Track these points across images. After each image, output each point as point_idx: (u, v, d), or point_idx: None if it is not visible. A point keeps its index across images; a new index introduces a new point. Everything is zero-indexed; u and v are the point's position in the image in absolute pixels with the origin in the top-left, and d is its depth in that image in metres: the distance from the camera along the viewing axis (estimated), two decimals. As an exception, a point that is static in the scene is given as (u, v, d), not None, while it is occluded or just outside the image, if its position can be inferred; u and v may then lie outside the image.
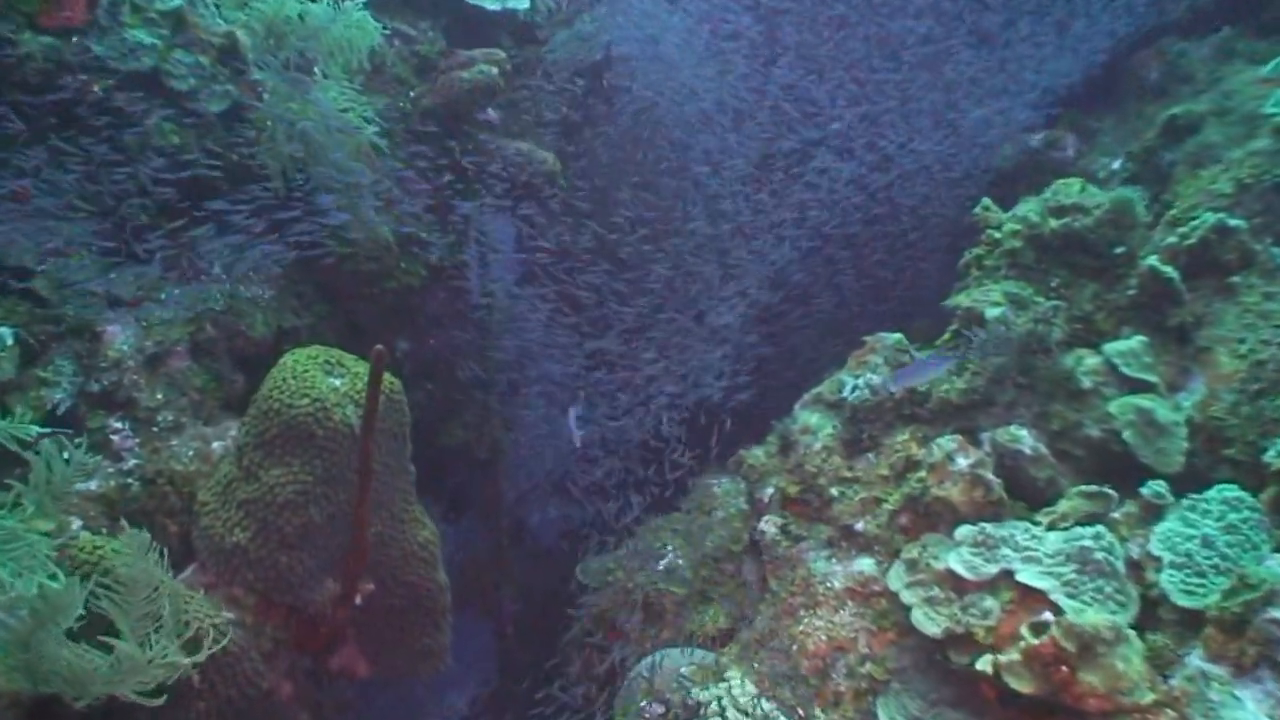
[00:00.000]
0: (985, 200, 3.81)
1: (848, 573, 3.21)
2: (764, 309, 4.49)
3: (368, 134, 3.67)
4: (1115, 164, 4.73)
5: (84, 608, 2.20)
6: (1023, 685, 2.63)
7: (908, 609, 2.96)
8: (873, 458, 3.41)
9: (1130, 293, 3.42)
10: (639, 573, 3.81)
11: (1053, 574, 2.83)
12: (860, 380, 3.48)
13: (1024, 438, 3.18)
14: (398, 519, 3.13)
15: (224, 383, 3.45)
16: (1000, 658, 2.69)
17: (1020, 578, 2.85)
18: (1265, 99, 4.08)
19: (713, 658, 3.26)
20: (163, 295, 3.28)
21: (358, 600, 3.02)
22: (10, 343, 2.85)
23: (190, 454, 3.05)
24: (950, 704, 2.86)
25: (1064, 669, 2.57)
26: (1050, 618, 2.74)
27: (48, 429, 2.50)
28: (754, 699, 2.98)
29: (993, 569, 2.90)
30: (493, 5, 4.24)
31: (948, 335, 3.64)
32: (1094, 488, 3.02)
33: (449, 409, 4.71)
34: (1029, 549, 2.90)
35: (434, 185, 3.97)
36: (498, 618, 5.16)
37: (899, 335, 3.63)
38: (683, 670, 3.18)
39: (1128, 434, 3.09)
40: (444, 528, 5.24)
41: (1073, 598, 2.77)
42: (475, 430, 4.75)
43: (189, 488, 2.96)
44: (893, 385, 3.40)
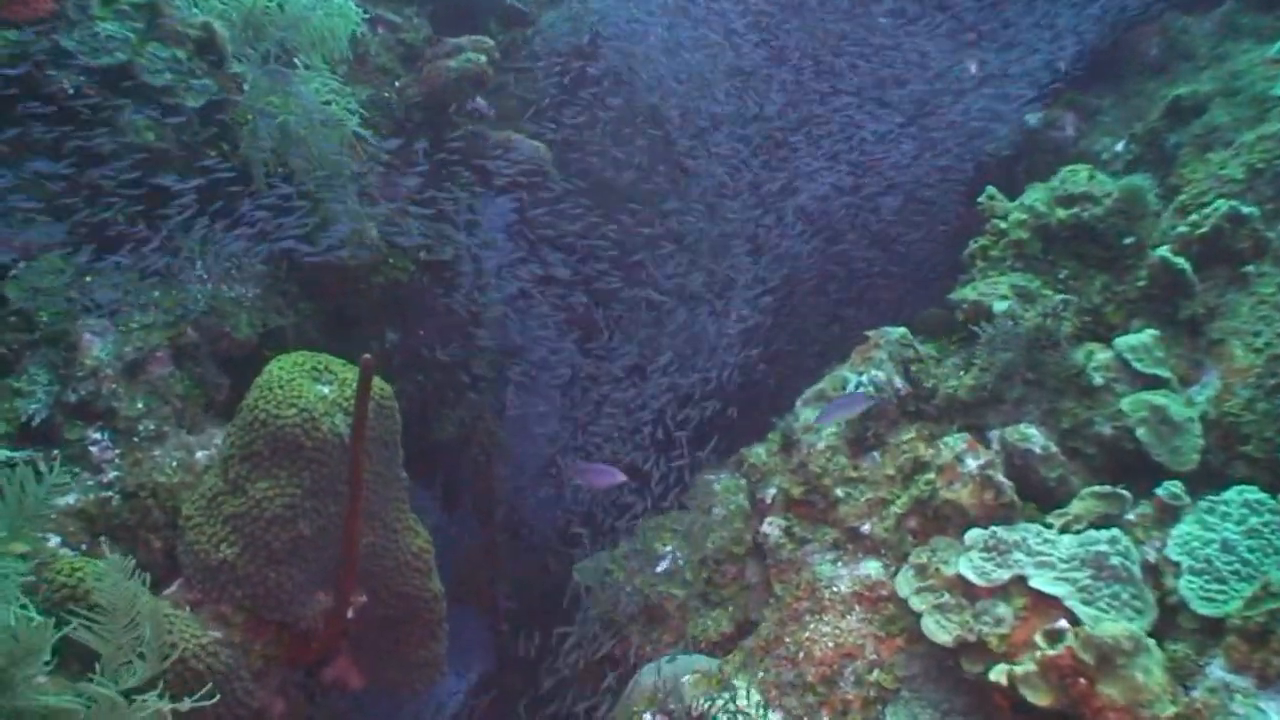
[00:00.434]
0: (990, 189, 3.71)
1: (854, 576, 3.13)
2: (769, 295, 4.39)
3: (352, 125, 3.55)
4: (1119, 146, 4.64)
5: (63, 637, 2.10)
6: (1039, 698, 2.55)
7: (918, 616, 2.87)
8: (878, 457, 3.32)
9: (1140, 284, 3.33)
10: (638, 574, 3.72)
11: (1067, 579, 2.75)
12: (864, 377, 3.39)
13: (1034, 436, 3.09)
14: (390, 528, 3.03)
15: (208, 387, 3.33)
16: (1015, 669, 2.60)
17: (1033, 583, 2.77)
18: (1275, 80, 3.99)
19: (716, 665, 3.18)
20: (142, 298, 3.15)
21: (350, 613, 2.93)
22: (-20, 353, 2.73)
23: (174, 465, 2.94)
24: (963, 714, 2.79)
25: (1082, 681, 2.49)
26: (1065, 625, 2.66)
27: (21, 449, 2.38)
28: (760, 708, 2.90)
29: (1005, 574, 2.81)
30: (479, -9, 4.11)
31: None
32: (1107, 488, 2.94)
33: (441, 401, 4.61)
34: (1042, 553, 2.82)
35: (422, 177, 3.84)
36: (493, 614, 5.09)
37: (903, 329, 3.53)
38: (685, 678, 3.10)
39: (1141, 432, 3.00)
40: (437, 519, 5.18)
41: (1088, 604, 2.69)
42: (468, 425, 4.65)
43: (172, 501, 2.85)
44: (817, 422, 3.39)
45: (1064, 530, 2.90)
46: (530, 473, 4.86)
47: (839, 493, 3.27)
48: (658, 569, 3.67)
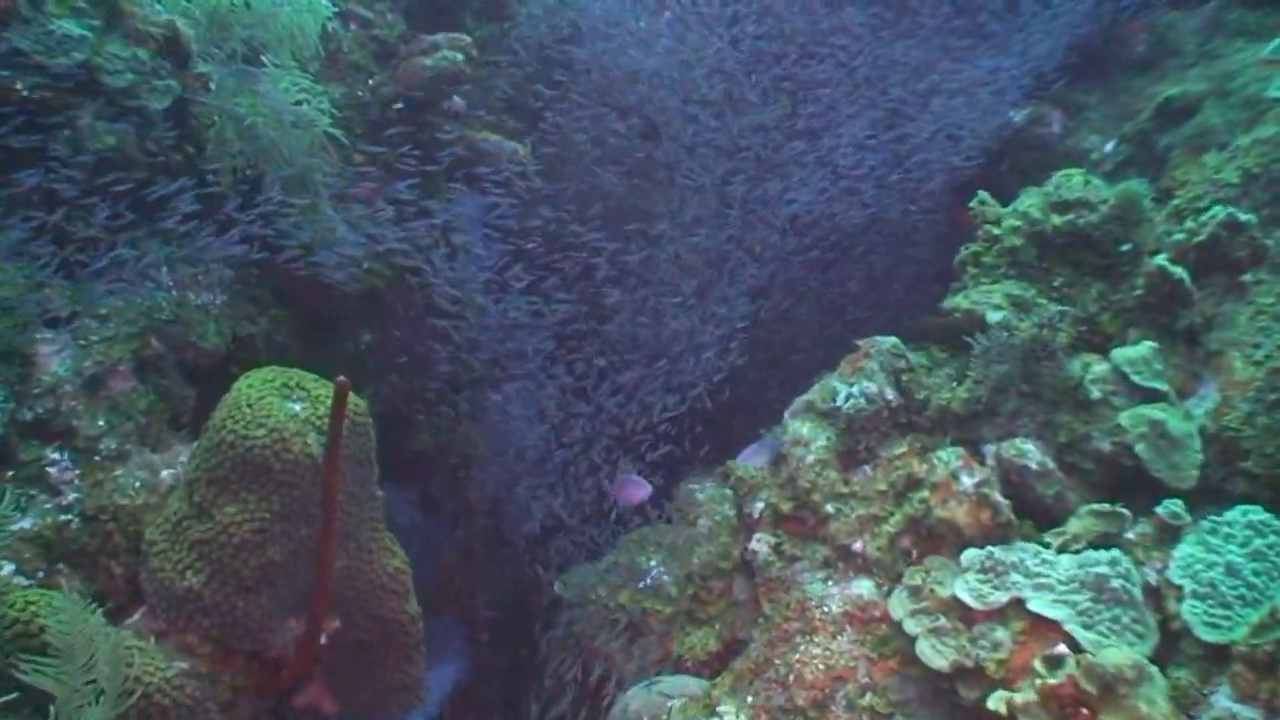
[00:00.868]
0: (981, 193, 3.61)
1: (845, 596, 3.04)
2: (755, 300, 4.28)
3: (324, 125, 3.41)
4: (1109, 146, 4.56)
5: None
6: (1039, 727, 2.47)
7: (912, 640, 2.78)
8: (869, 470, 3.23)
9: (1137, 293, 3.25)
10: (622, 589, 3.62)
11: (1066, 602, 2.67)
12: (855, 388, 3.29)
13: (1030, 451, 3.00)
14: (365, 549, 2.91)
15: (173, 400, 3.20)
16: (1015, 697, 2.52)
17: (1032, 606, 2.69)
18: (1269, 82, 3.91)
19: (705, 688, 3.09)
20: (103, 309, 3.01)
21: (323, 639, 2.81)
22: (-70, 371, 2.59)
23: (137, 485, 2.80)
24: (959, 740, 2.71)
25: (1084, 712, 2.41)
26: (1065, 650, 2.58)
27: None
28: (749, 734, 2.81)
29: (1002, 597, 2.73)
30: (457, -15, 3.97)
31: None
32: (1106, 506, 2.86)
33: (418, 406, 4.49)
34: (1040, 575, 2.73)
35: (398, 180, 3.71)
36: (471, 623, 4.98)
37: (894, 339, 3.43)
38: (673, 702, 3.00)
39: (1140, 447, 2.92)
40: (412, 519, 5.05)
41: (1088, 628, 2.61)
42: (445, 434, 4.54)
43: (135, 525, 2.72)
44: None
45: (1062, 550, 2.81)
46: (511, 478, 4.74)
47: (829, 509, 3.17)
48: (642, 584, 3.57)
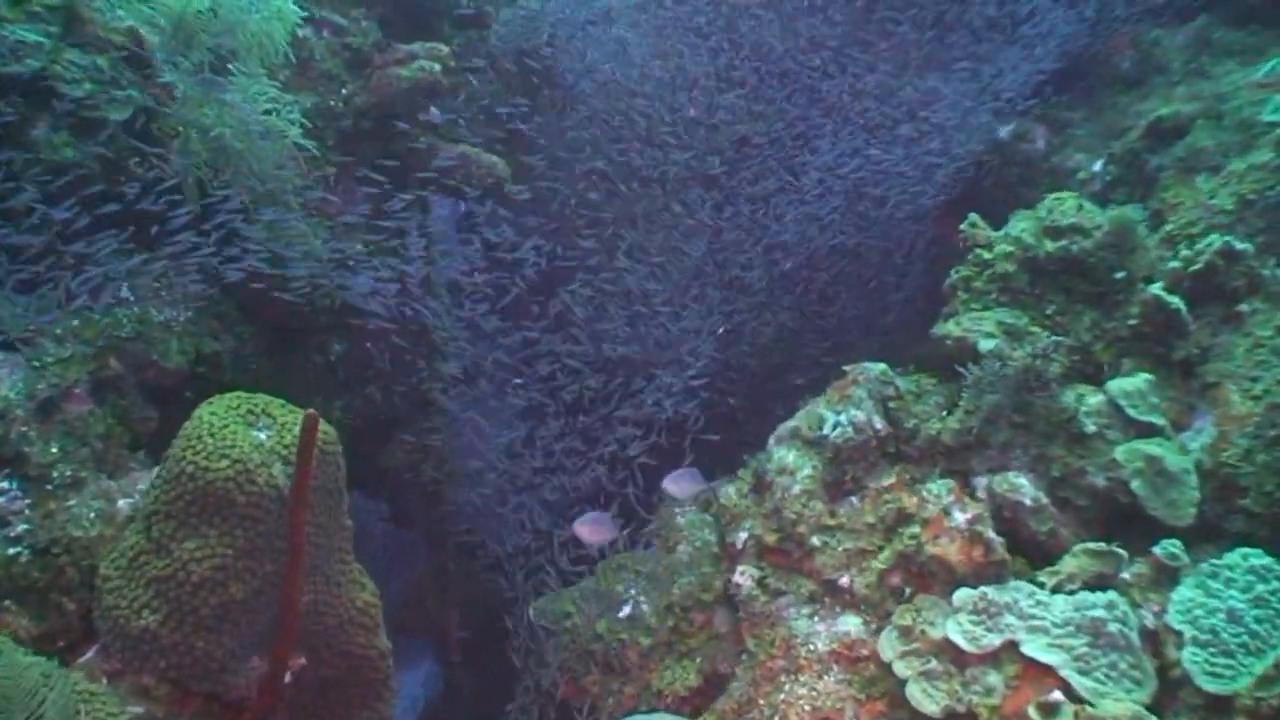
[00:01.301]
0: (972, 216, 3.53)
1: (832, 633, 2.93)
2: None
3: (294, 136, 3.28)
4: (1096, 165, 4.50)
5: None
6: (1035, 779, 2.38)
7: (902, 682, 2.69)
8: (857, 502, 3.13)
9: (1131, 322, 3.17)
10: (599, 618, 3.51)
11: (1062, 646, 2.58)
12: (843, 416, 3.19)
13: (1024, 486, 2.92)
14: (333, 582, 2.77)
15: (133, 422, 3.06)
16: (1010, 747, 2.43)
17: (1026, 650, 2.60)
18: (1263, 105, 3.85)
19: (685, 728, 2.98)
20: (58, 328, 2.87)
21: (287, 678, 2.68)
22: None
23: (92, 516, 2.66)
24: (949, 788, 2.61)
25: (1082, 763, 2.33)
26: (1060, 697, 2.49)
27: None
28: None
29: (995, 639, 2.64)
30: (432, -8, 3.84)
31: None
32: (1102, 545, 2.78)
33: (391, 419, 4.37)
34: (1035, 617, 2.64)
35: (371, 193, 3.58)
36: (443, 643, 4.87)
37: (883, 365, 3.34)
38: (653, 744, 2.90)
39: (1136, 484, 2.84)
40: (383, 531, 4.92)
41: (1084, 674, 2.52)
42: (418, 451, 4.42)
43: (89, 559, 2.58)
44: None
45: (1056, 590, 2.73)
46: (485, 495, 4.62)
47: (815, 541, 3.07)
48: (620, 614, 3.46)
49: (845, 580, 2.99)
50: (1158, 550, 2.71)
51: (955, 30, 4.59)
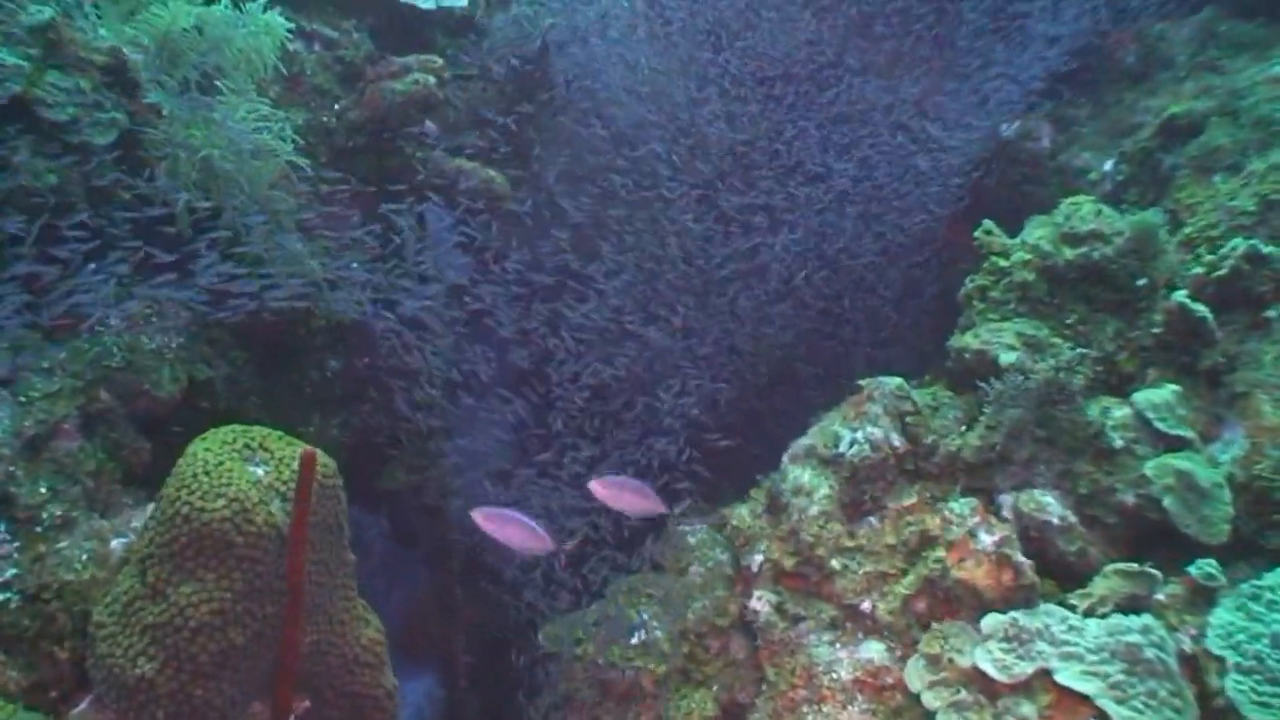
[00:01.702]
0: (986, 223, 3.42)
1: (854, 660, 2.83)
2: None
3: (286, 153, 3.17)
4: (1107, 165, 4.41)
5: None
6: (1075, 817, 2.28)
7: (931, 714, 2.58)
8: (876, 522, 3.02)
9: (1156, 331, 3.07)
10: (611, 644, 3.40)
11: (1097, 674, 2.47)
12: (859, 434, 3.08)
13: (1051, 505, 2.82)
14: (336, 621, 2.67)
15: (125, 454, 2.95)
16: (1047, 783, 2.33)
17: (1060, 678, 2.49)
18: (1281, 102, 3.76)
19: (703, 761, 2.88)
20: (45, 361, 2.76)
21: (291, 722, 2.58)
22: None
23: (84, 558, 2.55)
24: (983, 824, 2.51)
25: (1125, 801, 2.23)
26: (1097, 728, 2.40)
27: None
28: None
29: (1028, 668, 2.54)
30: (426, 3, 3.71)
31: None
32: (1134, 566, 2.67)
33: (391, 438, 4.26)
34: (1068, 643, 2.54)
35: (365, 210, 3.47)
36: (449, 670, 4.76)
37: (899, 380, 3.23)
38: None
39: (1168, 500, 2.74)
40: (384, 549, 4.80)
41: (1122, 704, 2.42)
42: (419, 471, 4.30)
43: (82, 604, 2.47)
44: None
45: (1088, 614, 2.63)
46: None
47: (835, 564, 2.97)
48: (632, 640, 3.35)
49: (867, 605, 2.88)
50: (1193, 570, 2.61)
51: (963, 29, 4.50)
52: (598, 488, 3.10)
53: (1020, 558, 2.70)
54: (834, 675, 2.82)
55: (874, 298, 4.15)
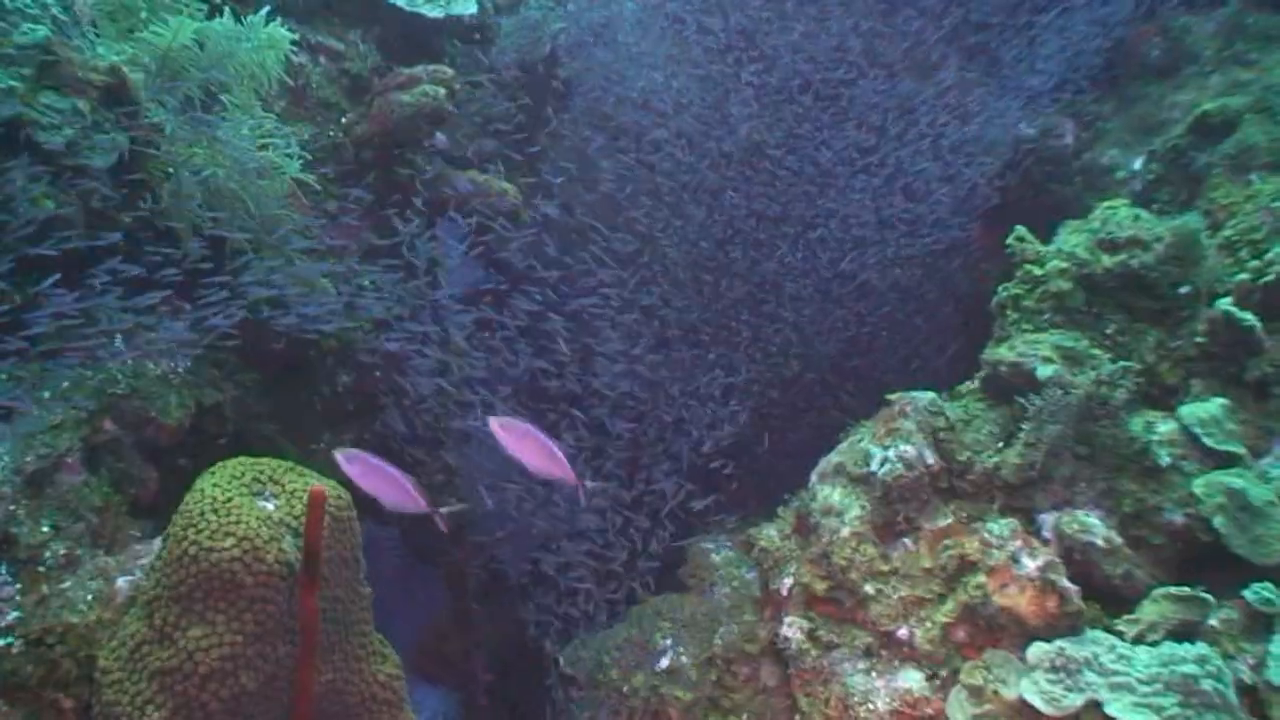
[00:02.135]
0: (1019, 229, 3.30)
1: (892, 690, 2.71)
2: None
3: (293, 171, 3.07)
4: (1136, 163, 4.28)
5: None
6: None
7: (976, 750, 2.47)
8: (910, 544, 2.90)
9: (1199, 340, 2.94)
10: (636, 670, 3.30)
11: (1150, 706, 2.35)
12: (891, 451, 2.96)
13: (1095, 526, 2.69)
14: (352, 658, 2.57)
15: (131, 485, 2.86)
16: (1103, 826, 2.21)
17: (1111, 711, 2.37)
18: (1321, 98, 3.63)
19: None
20: (45, 392, 2.66)
21: (306, 766, 2.47)
22: None
23: (89, 598, 2.46)
24: None
25: (1186, 846, 2.11)
26: (1152, 764, 2.28)
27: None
28: None
29: (1076, 700, 2.41)
30: (434, 12, 3.60)
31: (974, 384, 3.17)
32: (1185, 590, 2.55)
33: (402, 457, 4.16)
34: (1117, 672, 2.42)
35: (376, 226, 3.37)
36: (469, 689, 4.66)
37: (932, 394, 3.11)
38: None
39: (1218, 520, 2.62)
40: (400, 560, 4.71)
41: (1178, 738, 2.30)
42: (435, 491, 4.21)
43: (87, 649, 2.37)
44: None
45: (1138, 641, 2.51)
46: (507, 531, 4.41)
47: (869, 589, 2.85)
48: (658, 666, 3.25)
49: (904, 632, 2.77)
50: (1249, 595, 2.49)
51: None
52: (497, 427, 2.79)
53: (1065, 583, 2.58)
54: (870, 705, 2.70)
55: (911, 305, 4.04)
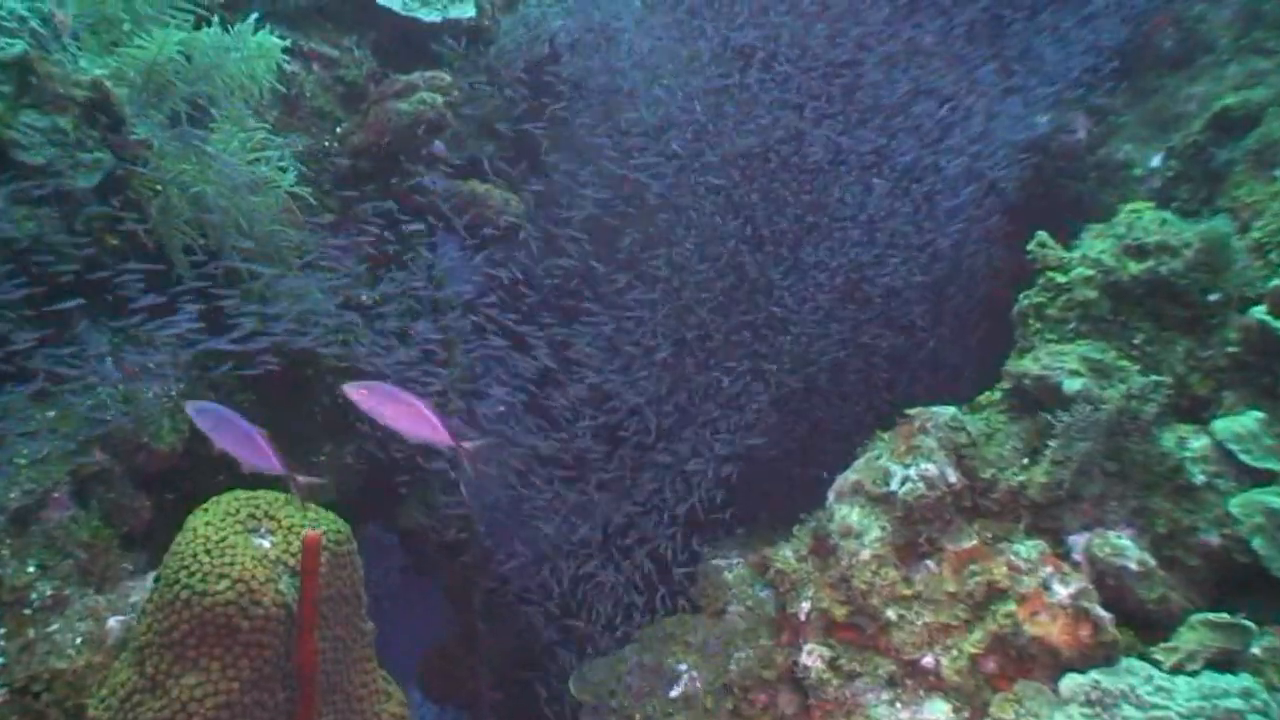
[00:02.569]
0: (1041, 235, 3.18)
1: (917, 722, 2.61)
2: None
3: (287, 183, 2.95)
4: (1154, 160, 4.16)
5: None
6: None
7: (1009, 788, 2.36)
8: (933, 566, 2.79)
9: (1231, 349, 2.83)
10: (649, 697, 3.19)
11: (1192, 742, 2.25)
12: (911, 470, 2.85)
13: (1129, 549, 2.58)
14: (354, 698, 2.46)
15: (123, 517, 2.75)
16: None
17: (1151, 747, 2.27)
18: (1350, 92, 3.51)
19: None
20: (32, 424, 2.55)
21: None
22: None
23: (78, 642, 2.35)
24: None
25: None
26: (1195, 804, 2.17)
27: None
28: None
29: (1114, 736, 2.31)
30: (431, 15, 3.47)
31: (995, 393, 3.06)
32: (1225, 617, 2.44)
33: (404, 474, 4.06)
34: (1156, 706, 2.31)
35: (373, 240, 3.25)
36: (474, 707, 4.57)
37: (953, 410, 2.99)
38: None
39: (1257, 541, 2.50)
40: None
41: (1222, 776, 2.19)
42: (438, 509, 4.10)
43: (75, 697, 2.27)
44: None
45: (1176, 670, 2.39)
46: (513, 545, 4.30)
47: (891, 614, 2.73)
48: (671, 693, 3.14)
49: (929, 660, 2.65)
50: (1291, 622, 2.38)
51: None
52: (353, 392, 2.57)
53: (1100, 611, 2.47)
54: (895, 738, 2.60)
55: (930, 312, 3.91)
